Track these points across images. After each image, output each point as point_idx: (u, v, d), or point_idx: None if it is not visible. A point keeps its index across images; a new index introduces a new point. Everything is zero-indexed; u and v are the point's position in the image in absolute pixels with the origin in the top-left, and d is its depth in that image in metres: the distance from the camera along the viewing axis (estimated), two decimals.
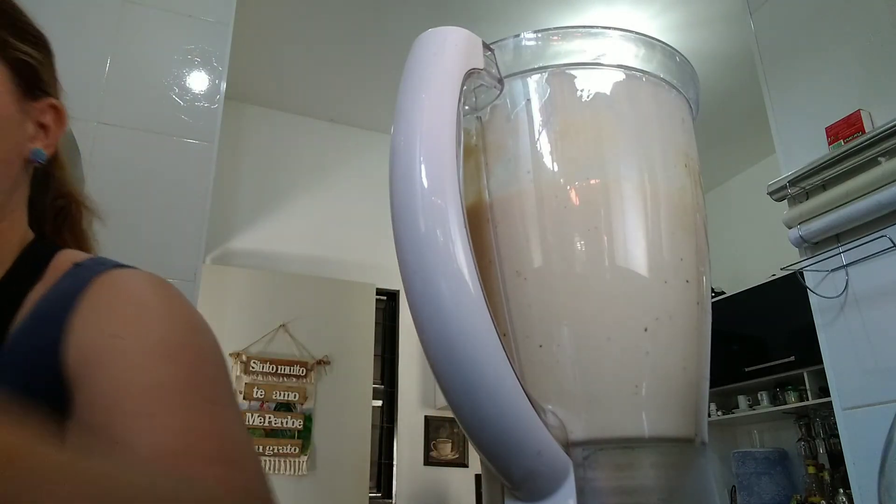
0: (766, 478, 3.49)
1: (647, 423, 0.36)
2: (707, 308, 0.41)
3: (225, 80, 1.93)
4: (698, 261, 0.40)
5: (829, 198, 1.86)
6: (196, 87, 1.89)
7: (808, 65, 2.02)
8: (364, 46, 3.34)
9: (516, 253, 0.39)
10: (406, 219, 0.32)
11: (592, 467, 0.34)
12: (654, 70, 0.42)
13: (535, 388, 0.34)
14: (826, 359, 1.86)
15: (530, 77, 0.41)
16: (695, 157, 0.43)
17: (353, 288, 3.47)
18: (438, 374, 0.31)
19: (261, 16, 3.07)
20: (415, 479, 3.44)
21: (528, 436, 0.32)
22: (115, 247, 1.86)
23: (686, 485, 0.37)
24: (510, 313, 0.38)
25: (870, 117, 1.82)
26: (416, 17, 3.08)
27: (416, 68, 0.35)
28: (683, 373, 0.38)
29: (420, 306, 0.31)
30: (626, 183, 0.39)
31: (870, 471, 1.68)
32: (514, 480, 0.33)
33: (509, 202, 0.39)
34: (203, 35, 1.94)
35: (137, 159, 1.74)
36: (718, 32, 3.23)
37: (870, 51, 1.86)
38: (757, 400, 3.72)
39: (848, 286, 1.81)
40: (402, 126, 0.33)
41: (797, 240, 1.95)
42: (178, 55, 1.89)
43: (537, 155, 0.39)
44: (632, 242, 0.38)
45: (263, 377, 3.09)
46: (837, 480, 3.17)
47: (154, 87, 1.82)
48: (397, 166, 0.33)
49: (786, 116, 2.07)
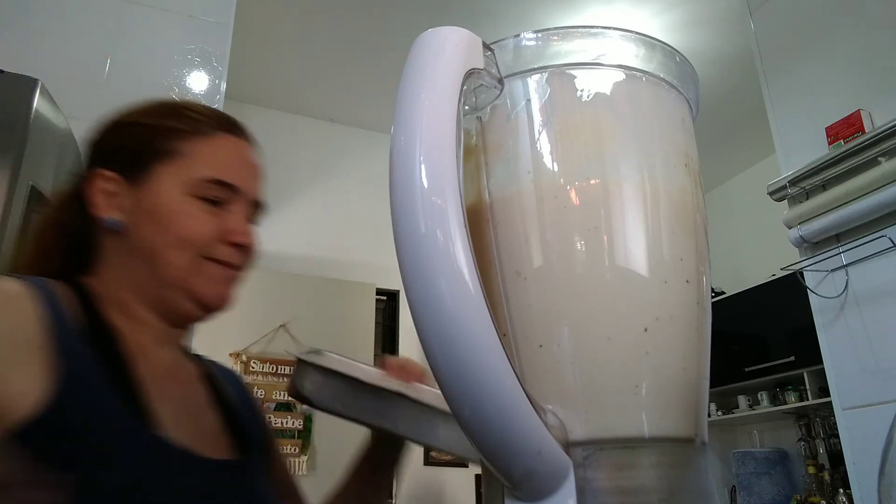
0: (766, 478, 3.49)
1: (647, 423, 0.36)
2: (707, 308, 0.41)
3: (225, 80, 1.93)
4: (698, 261, 0.40)
5: (829, 198, 1.86)
6: (196, 87, 1.89)
7: (808, 65, 2.02)
8: (364, 46, 3.34)
9: (516, 253, 0.39)
10: (406, 219, 0.32)
11: (592, 467, 0.34)
12: (654, 70, 0.42)
13: (535, 388, 0.34)
14: (826, 359, 1.86)
15: (530, 77, 0.41)
16: (695, 158, 0.43)
17: (353, 288, 3.47)
18: (438, 374, 0.31)
19: (261, 16, 3.07)
20: (415, 480, 3.43)
21: (528, 436, 0.32)
22: None
23: (686, 485, 0.37)
24: (510, 313, 0.38)
25: (870, 117, 1.82)
26: (416, 17, 3.08)
27: (415, 68, 0.35)
28: (683, 373, 0.38)
29: (420, 306, 0.31)
30: (626, 183, 0.39)
31: (870, 471, 1.68)
32: (513, 480, 0.33)
33: (509, 202, 0.39)
34: (203, 35, 1.94)
35: None
36: (718, 32, 3.23)
37: (870, 51, 1.86)
38: (757, 400, 3.72)
39: (848, 286, 1.81)
40: (402, 126, 0.33)
41: (797, 240, 1.95)
42: (178, 55, 1.89)
43: (537, 155, 0.39)
44: (632, 242, 0.38)
45: (263, 377, 3.09)
46: (837, 480, 3.16)
47: (154, 87, 1.82)
48: (397, 166, 0.33)
49: (786, 116, 2.07)
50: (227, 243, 0.66)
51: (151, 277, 0.64)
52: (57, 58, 1.69)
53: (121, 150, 0.67)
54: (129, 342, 0.62)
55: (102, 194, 0.66)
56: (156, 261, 0.63)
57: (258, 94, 3.68)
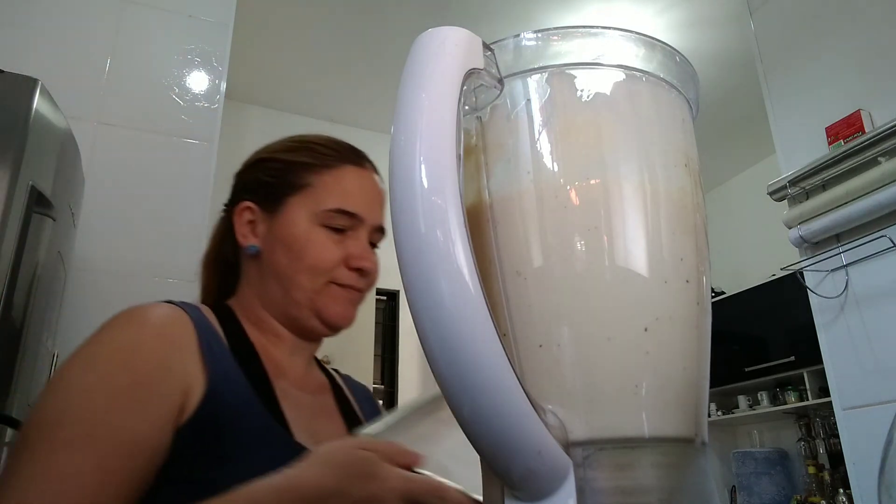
0: (766, 478, 3.49)
1: (647, 423, 0.36)
2: (707, 308, 0.41)
3: (225, 80, 1.93)
4: (698, 261, 0.40)
5: (829, 198, 1.86)
6: (196, 87, 1.89)
7: (808, 65, 2.02)
8: (364, 46, 3.35)
9: (516, 253, 0.39)
10: (406, 219, 0.32)
11: (592, 467, 0.34)
12: (654, 70, 0.42)
13: (535, 388, 0.34)
14: (826, 359, 1.86)
15: (530, 77, 0.41)
16: (695, 158, 0.43)
17: None
18: (438, 374, 0.31)
19: (261, 16, 3.07)
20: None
21: (528, 436, 0.32)
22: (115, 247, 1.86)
23: (686, 485, 0.37)
24: (510, 313, 0.38)
25: (870, 117, 1.82)
26: (416, 17, 3.08)
27: (415, 68, 0.35)
28: (683, 373, 0.38)
29: (420, 306, 0.31)
30: (626, 183, 0.39)
31: (870, 471, 1.69)
32: (513, 480, 0.33)
33: (509, 202, 0.39)
34: (203, 35, 1.94)
35: (137, 159, 1.74)
36: (719, 32, 3.24)
37: (870, 51, 1.86)
38: (757, 400, 3.72)
39: (848, 286, 1.81)
40: (402, 126, 0.33)
41: (797, 240, 1.95)
42: (178, 55, 1.89)
43: (537, 155, 0.39)
44: (632, 242, 0.38)
45: None
46: (837, 480, 3.17)
47: (154, 87, 1.82)
48: (397, 166, 0.33)
49: (786, 116, 2.07)
50: (350, 268, 0.72)
51: (284, 297, 0.72)
52: (57, 58, 1.69)
53: (260, 184, 0.76)
54: (266, 354, 0.69)
55: (247, 225, 0.74)
56: (288, 283, 0.71)
57: (258, 94, 3.68)
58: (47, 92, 1.19)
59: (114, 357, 0.58)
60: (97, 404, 0.54)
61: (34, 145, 1.11)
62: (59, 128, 1.24)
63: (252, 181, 0.77)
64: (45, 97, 1.17)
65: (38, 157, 1.12)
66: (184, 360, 0.61)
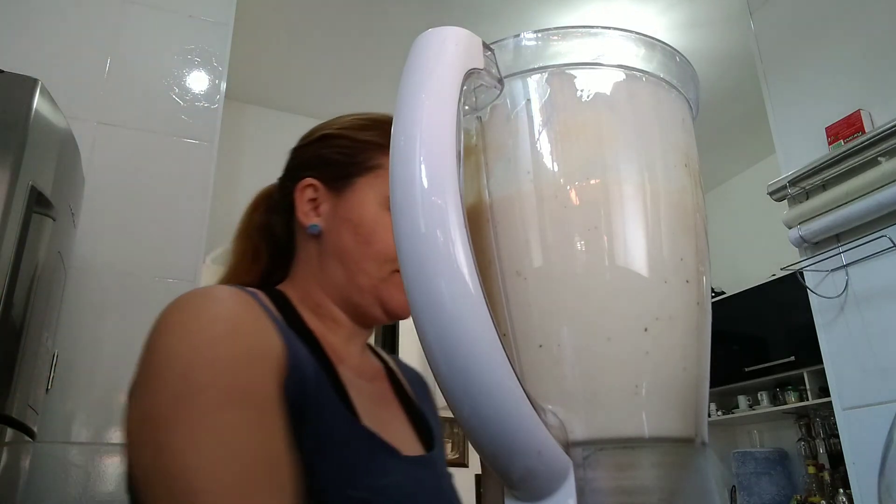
0: (766, 478, 3.49)
1: (648, 423, 0.36)
2: (707, 308, 0.41)
3: (225, 80, 1.93)
4: (698, 261, 0.40)
5: (829, 198, 1.86)
6: (196, 87, 1.89)
7: (808, 65, 2.02)
8: (364, 46, 3.34)
9: (516, 253, 0.39)
10: (406, 219, 0.32)
11: (592, 467, 0.34)
12: (654, 70, 0.42)
13: (535, 388, 0.34)
14: (826, 359, 1.86)
15: (530, 77, 0.41)
16: (695, 158, 0.43)
17: None
18: (438, 374, 0.31)
19: (261, 16, 3.07)
20: None
21: (528, 436, 0.32)
22: (115, 247, 1.86)
23: (686, 485, 0.37)
24: (510, 313, 0.38)
25: (870, 117, 1.82)
26: (416, 17, 3.08)
27: (415, 68, 0.35)
28: (683, 373, 0.38)
29: (420, 306, 0.31)
30: (626, 183, 0.39)
31: (870, 471, 1.69)
32: (513, 480, 0.33)
33: (509, 202, 0.39)
34: (203, 35, 1.94)
35: (137, 159, 1.74)
36: (719, 32, 3.23)
37: (870, 51, 1.86)
38: (757, 400, 3.72)
39: (848, 286, 1.81)
40: (402, 126, 0.33)
41: (797, 240, 1.95)
42: (178, 55, 1.89)
43: (537, 155, 0.39)
44: (632, 242, 0.38)
45: None
46: (837, 480, 3.17)
47: (154, 87, 1.82)
48: (397, 166, 0.33)
49: (786, 116, 2.07)
50: None
51: (348, 282, 0.69)
52: (57, 58, 1.69)
53: (325, 161, 0.72)
54: (325, 342, 0.67)
55: (308, 202, 0.71)
56: (353, 267, 0.69)
57: (258, 94, 3.68)
58: (47, 92, 1.19)
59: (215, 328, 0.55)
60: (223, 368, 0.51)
61: (34, 145, 1.11)
62: (59, 128, 1.24)
63: (315, 157, 0.73)
64: (45, 97, 1.17)
65: (38, 157, 1.12)
66: (269, 329, 0.59)
